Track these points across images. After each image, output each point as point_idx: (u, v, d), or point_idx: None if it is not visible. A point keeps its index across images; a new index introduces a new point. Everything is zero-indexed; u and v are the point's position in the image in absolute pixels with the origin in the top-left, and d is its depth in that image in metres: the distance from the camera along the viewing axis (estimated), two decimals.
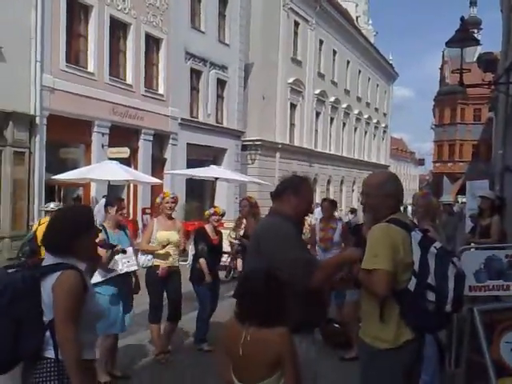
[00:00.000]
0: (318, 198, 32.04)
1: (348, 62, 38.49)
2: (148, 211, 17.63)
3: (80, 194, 16.21)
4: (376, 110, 45.24)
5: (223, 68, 23.18)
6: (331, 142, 35.58)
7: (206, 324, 6.80)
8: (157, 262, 6.19)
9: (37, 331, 2.62)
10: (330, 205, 7.74)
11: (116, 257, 5.29)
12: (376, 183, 3.24)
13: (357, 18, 45.71)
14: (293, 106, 30.18)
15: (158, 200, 6.60)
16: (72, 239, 2.75)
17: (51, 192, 15.26)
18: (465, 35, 8.81)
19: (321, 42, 33.55)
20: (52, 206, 7.97)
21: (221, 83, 23.25)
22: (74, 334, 2.60)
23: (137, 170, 16.70)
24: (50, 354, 2.63)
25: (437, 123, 57.74)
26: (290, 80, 29.26)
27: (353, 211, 21.04)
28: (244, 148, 25.25)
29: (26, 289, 2.63)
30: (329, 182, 34.96)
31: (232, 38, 23.88)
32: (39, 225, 7.67)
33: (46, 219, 7.92)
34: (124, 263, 5.42)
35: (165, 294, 6.35)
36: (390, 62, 49.72)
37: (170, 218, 6.45)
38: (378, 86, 45.83)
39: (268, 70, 26.84)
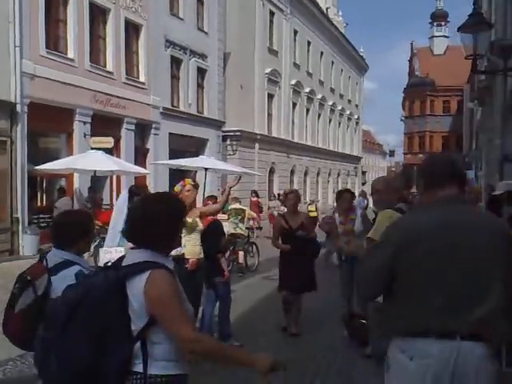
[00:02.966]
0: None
1: (322, 53, 38.43)
2: None
3: (63, 184, 15.56)
4: (349, 101, 45.38)
5: (203, 56, 22.71)
6: (307, 133, 35.45)
7: (228, 318, 6.47)
8: (186, 254, 5.75)
9: (124, 342, 2.22)
10: (351, 196, 7.49)
11: None
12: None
13: (326, 9, 45.62)
14: (270, 97, 29.88)
15: (178, 188, 6.20)
16: (167, 232, 2.38)
17: (34, 183, 14.62)
18: (478, 20, 8.60)
19: (295, 32, 33.34)
20: None
21: (201, 72, 22.78)
22: (196, 334, 2.27)
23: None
24: (138, 368, 2.24)
25: (406, 115, 58.42)
26: (267, 70, 28.96)
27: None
28: (223, 139, 24.84)
29: (112, 293, 2.21)
30: (306, 173, 34.84)
31: (210, 25, 23.41)
32: None
33: None
34: None
35: None
36: (361, 53, 49.88)
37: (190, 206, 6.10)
38: (350, 77, 45.95)
39: (245, 59, 26.47)
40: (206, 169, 14.85)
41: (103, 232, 11.77)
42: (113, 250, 4.72)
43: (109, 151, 15.27)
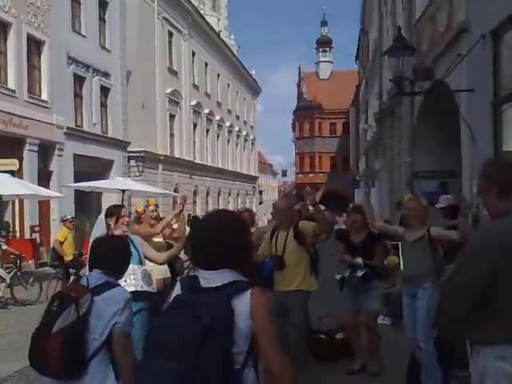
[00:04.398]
0: (198, 211, 31.79)
1: (218, 75, 38.89)
2: (37, 229, 16.03)
3: None
4: (244, 122, 46.22)
5: (106, 75, 21.99)
6: (208, 154, 35.55)
7: None
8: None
9: (235, 373, 2.06)
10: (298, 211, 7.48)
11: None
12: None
13: (219, 32, 46.31)
14: (171, 117, 29.62)
15: (141, 209, 5.92)
16: (243, 247, 2.28)
17: None
18: (403, 45, 9.13)
19: (193, 53, 33.49)
20: (69, 216, 10.32)
21: (104, 91, 22.02)
22: (288, 361, 2.16)
23: None
24: None
25: (297, 136, 60.52)
26: (168, 90, 28.73)
27: None
28: (127, 159, 24.12)
29: (232, 315, 2.06)
30: (207, 193, 34.78)
31: (113, 43, 22.78)
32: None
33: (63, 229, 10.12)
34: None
35: None
36: (254, 76, 51.04)
37: (152, 227, 5.88)
38: (245, 99, 46.84)
39: (146, 78, 26.05)
40: (123, 191, 14.34)
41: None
42: None
43: (11, 174, 14.23)
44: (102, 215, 5.06)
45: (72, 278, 9.67)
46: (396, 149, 16.59)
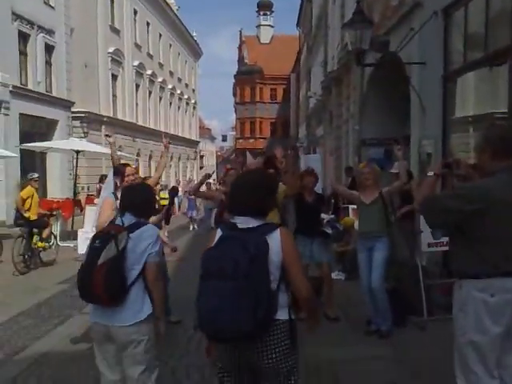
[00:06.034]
0: (141, 174, 31.63)
1: (160, 36, 38.26)
2: None
3: None
4: (186, 85, 45.79)
5: (50, 32, 21.33)
6: (150, 116, 35.22)
7: (167, 294, 6.60)
8: None
9: (273, 294, 2.56)
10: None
11: None
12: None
13: None
14: (114, 77, 29.12)
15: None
16: (271, 201, 2.84)
17: None
18: (363, 18, 9.60)
19: (135, 11, 32.80)
20: (36, 175, 10.31)
21: (48, 49, 21.39)
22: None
23: None
24: (282, 315, 2.61)
25: (238, 101, 60.46)
26: (111, 49, 28.20)
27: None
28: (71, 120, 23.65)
29: (267, 248, 2.55)
30: (150, 157, 34.61)
31: (57, 0, 22.04)
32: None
33: (28, 188, 10.01)
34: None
35: None
36: (195, 38, 50.37)
37: None
38: (186, 62, 46.33)
39: (89, 37, 25.53)
40: (77, 152, 14.33)
41: None
42: None
43: None
44: (110, 177, 5.36)
45: (36, 238, 9.80)
46: (344, 116, 17.25)
